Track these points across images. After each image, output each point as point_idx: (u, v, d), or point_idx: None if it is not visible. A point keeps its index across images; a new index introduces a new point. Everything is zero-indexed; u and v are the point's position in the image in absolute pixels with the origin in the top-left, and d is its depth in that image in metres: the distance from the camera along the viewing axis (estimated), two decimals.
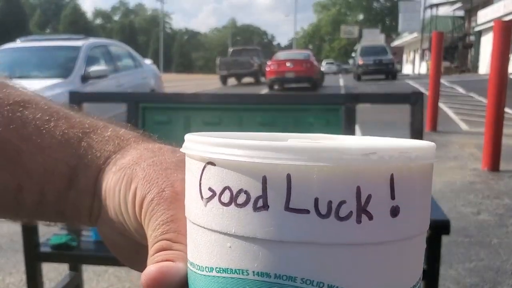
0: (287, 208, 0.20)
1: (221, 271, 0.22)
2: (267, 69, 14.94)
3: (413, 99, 1.78)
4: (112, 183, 0.30)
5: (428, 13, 27.34)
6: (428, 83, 7.08)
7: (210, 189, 0.22)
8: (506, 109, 4.55)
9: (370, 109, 8.00)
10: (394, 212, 0.21)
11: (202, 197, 0.22)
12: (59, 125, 0.32)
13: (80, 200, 0.31)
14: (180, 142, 0.25)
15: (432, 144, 0.23)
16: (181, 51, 61.50)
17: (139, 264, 0.29)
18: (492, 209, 3.24)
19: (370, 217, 0.20)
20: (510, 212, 3.18)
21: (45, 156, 0.31)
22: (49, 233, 1.59)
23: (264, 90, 14.27)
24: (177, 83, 19.95)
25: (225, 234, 0.21)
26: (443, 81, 10.03)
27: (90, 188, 0.31)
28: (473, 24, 23.50)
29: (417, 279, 0.23)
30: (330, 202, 0.20)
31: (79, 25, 50.19)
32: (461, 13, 27.82)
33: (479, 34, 22.23)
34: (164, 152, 0.31)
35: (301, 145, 0.20)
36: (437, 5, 27.19)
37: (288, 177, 0.20)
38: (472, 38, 23.98)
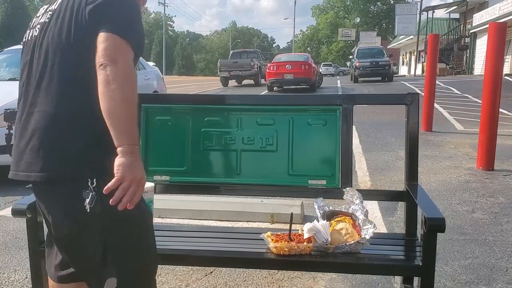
0: None
1: None
2: (267, 71, 14.97)
3: (409, 99, 1.82)
4: None
5: (424, 15, 27.43)
6: (423, 84, 7.13)
7: None
8: (500, 109, 4.59)
9: (367, 110, 8.08)
10: None
11: None
12: None
13: None
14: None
15: None
16: (183, 53, 60.84)
17: None
18: (487, 208, 3.27)
19: None
20: (505, 211, 3.21)
21: None
22: None
23: (264, 91, 14.30)
24: (179, 84, 19.96)
25: None
26: (438, 82, 10.09)
27: None
28: (468, 26, 23.60)
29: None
30: None
31: None
32: (456, 15, 27.94)
33: (475, 36, 22.33)
34: None
35: None
36: (433, 8, 27.28)
37: None
38: (467, 40, 24.09)
